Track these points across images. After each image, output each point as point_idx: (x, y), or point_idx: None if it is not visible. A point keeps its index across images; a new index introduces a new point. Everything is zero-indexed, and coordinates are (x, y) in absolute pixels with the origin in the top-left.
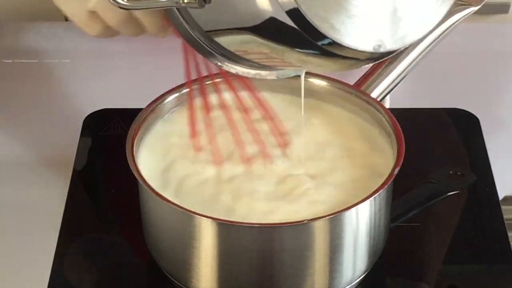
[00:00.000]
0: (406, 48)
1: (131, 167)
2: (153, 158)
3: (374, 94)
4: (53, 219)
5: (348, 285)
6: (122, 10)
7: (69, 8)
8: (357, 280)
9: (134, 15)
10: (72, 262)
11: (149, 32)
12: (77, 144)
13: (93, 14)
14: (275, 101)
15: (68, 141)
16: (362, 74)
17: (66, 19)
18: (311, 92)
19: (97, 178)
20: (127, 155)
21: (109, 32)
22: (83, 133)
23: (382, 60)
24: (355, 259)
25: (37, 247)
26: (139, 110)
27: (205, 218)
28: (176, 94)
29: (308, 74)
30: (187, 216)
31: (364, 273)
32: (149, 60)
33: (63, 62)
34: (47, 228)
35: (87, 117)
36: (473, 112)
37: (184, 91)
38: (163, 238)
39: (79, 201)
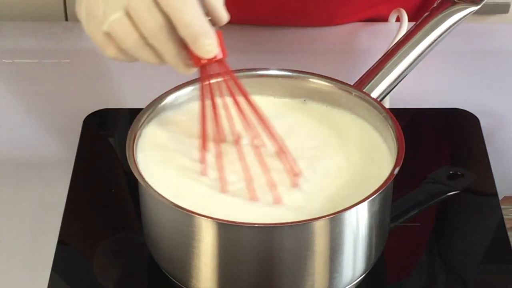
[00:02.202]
0: (405, 48)
1: (131, 167)
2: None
3: (374, 94)
4: (53, 219)
5: (348, 285)
6: (135, 33)
7: (88, 27)
8: (357, 280)
9: (148, 38)
10: (72, 262)
11: (167, 62)
12: (77, 144)
13: (108, 36)
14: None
15: (68, 141)
16: (362, 74)
17: (67, 19)
18: (312, 93)
19: (97, 178)
20: (127, 155)
21: (126, 56)
22: (83, 133)
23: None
24: (355, 259)
25: (37, 246)
26: (139, 110)
27: (205, 218)
28: (176, 94)
29: (309, 74)
30: (187, 216)
31: (364, 273)
32: None
33: (63, 62)
34: (47, 228)
35: (87, 117)
36: (473, 112)
37: (182, 91)
38: (163, 238)
39: (79, 200)
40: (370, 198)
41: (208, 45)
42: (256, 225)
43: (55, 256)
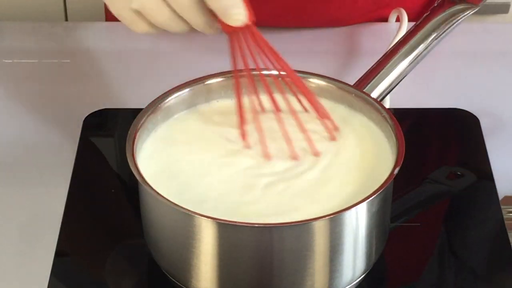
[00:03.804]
0: (405, 48)
1: (131, 167)
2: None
3: (374, 94)
4: (53, 219)
5: (348, 285)
6: (166, 9)
7: (115, 7)
8: (357, 280)
9: (179, 13)
10: (72, 262)
11: (196, 29)
12: (77, 144)
13: (138, 13)
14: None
15: (68, 141)
16: (363, 74)
17: (67, 19)
18: (313, 90)
19: (97, 178)
20: (127, 155)
21: (156, 29)
22: (83, 133)
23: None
24: (355, 259)
25: (37, 247)
26: (139, 110)
27: (205, 218)
28: (177, 94)
29: (309, 74)
30: (187, 216)
31: (364, 273)
32: (148, 60)
33: (63, 62)
34: (47, 228)
35: (87, 117)
36: (473, 112)
37: (183, 91)
38: (163, 238)
39: (79, 200)
40: (370, 198)
41: (237, 14)
42: (256, 225)
43: (54, 257)
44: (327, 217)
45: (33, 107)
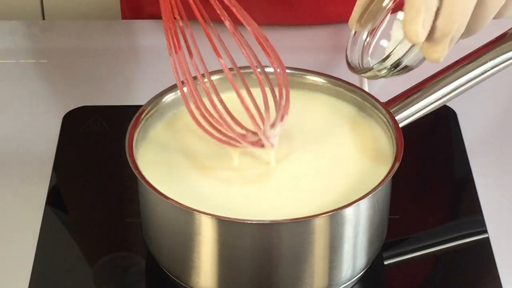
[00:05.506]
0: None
1: (130, 164)
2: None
3: (400, 116)
4: (33, 218)
5: (348, 281)
6: None
7: None
8: (357, 276)
9: None
10: (53, 264)
11: None
12: (57, 141)
13: None
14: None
15: (48, 139)
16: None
17: (44, 18)
18: (310, 87)
19: (77, 175)
20: (126, 153)
21: None
22: (62, 131)
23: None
24: (355, 255)
25: (17, 246)
26: (118, 107)
27: (205, 215)
28: (176, 91)
29: (304, 71)
30: (187, 213)
31: (364, 269)
32: (126, 58)
33: (40, 63)
34: (27, 227)
35: (66, 114)
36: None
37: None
38: (162, 235)
39: (59, 199)
40: (370, 195)
41: None
42: (255, 222)
43: (35, 255)
44: (327, 214)
45: (11, 108)
